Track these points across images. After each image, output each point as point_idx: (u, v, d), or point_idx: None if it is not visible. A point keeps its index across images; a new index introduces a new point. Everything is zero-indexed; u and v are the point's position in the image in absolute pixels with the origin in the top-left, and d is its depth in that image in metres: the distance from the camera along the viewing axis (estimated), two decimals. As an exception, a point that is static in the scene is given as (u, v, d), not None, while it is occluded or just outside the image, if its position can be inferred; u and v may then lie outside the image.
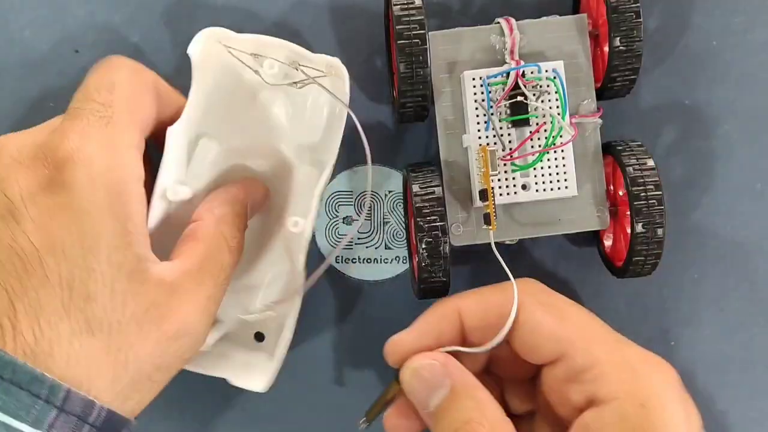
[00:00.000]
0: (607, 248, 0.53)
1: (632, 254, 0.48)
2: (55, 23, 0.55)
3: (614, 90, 0.50)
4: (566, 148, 0.49)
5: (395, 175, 0.55)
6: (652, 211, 0.47)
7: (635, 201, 0.47)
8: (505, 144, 0.49)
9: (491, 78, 0.49)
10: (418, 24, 0.47)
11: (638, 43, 0.48)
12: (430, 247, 0.47)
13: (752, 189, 0.56)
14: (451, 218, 0.50)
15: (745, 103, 0.56)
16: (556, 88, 0.49)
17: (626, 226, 0.50)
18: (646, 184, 0.47)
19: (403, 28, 0.47)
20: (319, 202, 0.49)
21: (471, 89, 0.49)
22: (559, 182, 0.49)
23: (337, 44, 0.55)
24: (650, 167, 0.48)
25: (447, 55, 0.50)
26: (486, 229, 0.48)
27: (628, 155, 0.49)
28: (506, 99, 0.49)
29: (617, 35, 0.48)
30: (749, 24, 0.56)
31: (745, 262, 0.56)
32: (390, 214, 0.55)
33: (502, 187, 0.49)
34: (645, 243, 0.47)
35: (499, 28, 0.50)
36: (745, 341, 0.55)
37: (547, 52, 0.50)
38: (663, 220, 0.47)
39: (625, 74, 0.49)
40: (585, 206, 0.50)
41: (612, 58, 0.49)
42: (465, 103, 0.50)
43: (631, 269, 0.49)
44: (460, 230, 0.50)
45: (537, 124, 0.49)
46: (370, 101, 0.56)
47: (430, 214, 0.47)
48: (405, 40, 0.47)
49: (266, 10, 0.55)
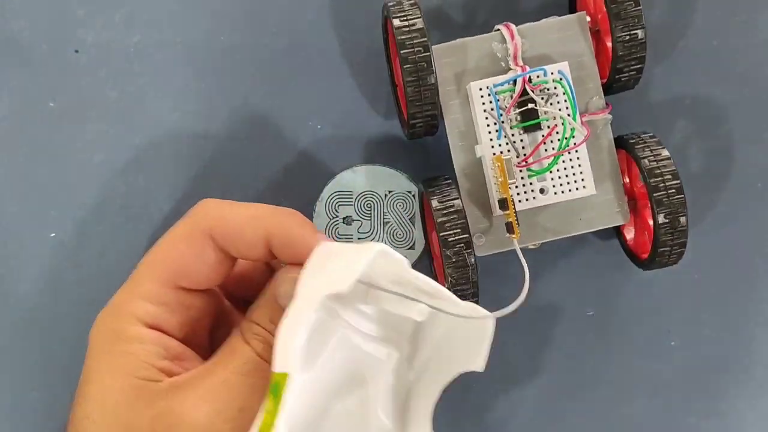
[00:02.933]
0: (629, 242, 0.53)
1: (657, 245, 0.48)
2: (55, 23, 0.55)
3: (622, 82, 0.50)
4: (580, 148, 0.49)
5: (397, 175, 0.54)
6: (672, 200, 0.47)
7: (654, 192, 0.47)
8: (519, 150, 0.49)
9: (498, 86, 0.49)
10: (422, 47, 0.47)
11: (641, 31, 0.48)
12: (455, 262, 0.47)
13: (753, 188, 0.56)
14: (472, 229, 0.49)
15: (747, 102, 0.56)
16: (564, 89, 0.48)
17: (647, 218, 0.50)
18: (664, 174, 0.47)
19: (407, 53, 0.47)
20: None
21: (479, 99, 0.49)
22: (576, 182, 0.49)
23: (338, 44, 0.55)
24: (665, 157, 0.48)
25: (451, 67, 0.50)
26: (509, 237, 0.48)
27: (642, 147, 0.48)
28: (515, 106, 0.48)
29: (619, 25, 0.48)
30: (752, 22, 0.56)
31: (745, 262, 0.56)
32: (390, 214, 0.55)
33: (521, 193, 0.49)
34: (669, 233, 0.47)
35: (500, 35, 0.50)
36: (745, 341, 0.55)
37: (551, 53, 0.50)
38: (684, 209, 0.47)
39: (631, 64, 0.49)
40: (604, 203, 0.50)
41: (616, 49, 0.49)
42: (474, 114, 0.49)
43: (658, 260, 0.49)
44: (482, 240, 0.50)
45: (549, 128, 0.49)
46: (370, 103, 0.55)
47: (453, 228, 0.47)
48: (410, 64, 0.47)
49: (266, 11, 0.55)
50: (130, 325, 0.41)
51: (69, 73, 0.55)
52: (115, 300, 0.42)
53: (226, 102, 0.55)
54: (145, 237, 0.54)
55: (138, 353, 0.40)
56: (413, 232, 0.54)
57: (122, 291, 0.42)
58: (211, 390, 0.39)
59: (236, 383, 0.40)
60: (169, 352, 0.41)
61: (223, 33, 0.55)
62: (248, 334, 0.41)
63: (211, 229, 0.42)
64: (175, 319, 0.42)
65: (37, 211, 0.54)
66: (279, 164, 0.55)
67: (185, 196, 0.54)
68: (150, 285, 0.42)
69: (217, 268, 0.43)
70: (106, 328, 0.42)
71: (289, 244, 0.41)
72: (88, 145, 0.55)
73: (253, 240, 0.41)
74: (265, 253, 0.42)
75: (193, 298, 0.43)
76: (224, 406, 0.39)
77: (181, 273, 0.42)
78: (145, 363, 0.40)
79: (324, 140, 0.55)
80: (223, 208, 0.43)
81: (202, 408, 0.39)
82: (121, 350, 0.41)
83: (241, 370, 0.40)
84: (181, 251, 0.42)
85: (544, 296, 0.55)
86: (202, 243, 0.42)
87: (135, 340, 0.41)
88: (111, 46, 0.55)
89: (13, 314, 0.54)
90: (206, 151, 0.55)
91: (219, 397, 0.39)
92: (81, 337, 0.44)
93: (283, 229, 0.41)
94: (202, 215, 0.43)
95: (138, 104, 0.55)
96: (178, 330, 0.42)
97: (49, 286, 0.54)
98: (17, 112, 0.55)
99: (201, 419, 0.39)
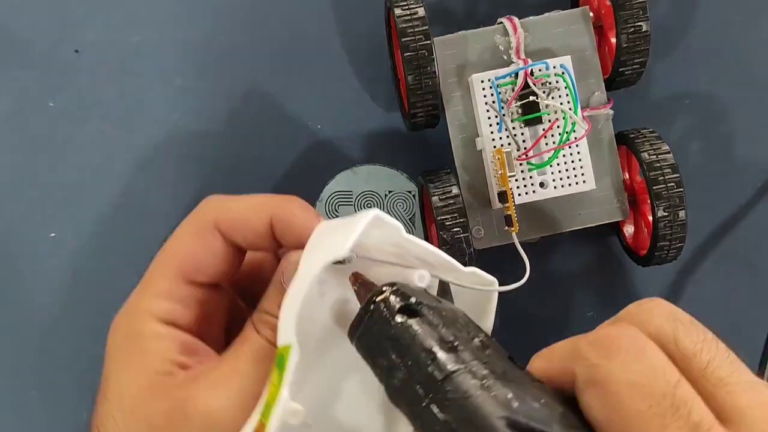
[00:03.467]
0: (628, 238, 0.53)
1: (656, 240, 0.48)
2: (55, 23, 0.55)
3: (625, 76, 0.50)
4: (581, 142, 0.49)
5: (397, 175, 0.54)
6: (671, 194, 0.47)
7: (654, 185, 0.47)
8: (520, 144, 0.49)
9: (500, 79, 0.49)
10: (423, 35, 0.47)
11: (645, 23, 0.48)
12: (452, 247, 0.47)
13: (753, 187, 0.56)
14: (471, 222, 0.49)
15: (747, 100, 0.56)
16: (566, 83, 0.49)
17: (646, 214, 0.50)
18: (663, 167, 0.47)
19: (408, 41, 0.47)
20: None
21: (480, 92, 0.49)
22: (576, 177, 0.49)
23: (338, 44, 0.55)
24: (665, 151, 0.48)
25: (453, 59, 0.50)
26: (507, 231, 0.48)
27: (642, 142, 0.48)
28: (517, 99, 0.49)
29: (623, 17, 0.48)
30: (752, 22, 0.56)
31: (745, 262, 0.56)
32: (390, 213, 0.54)
33: (520, 186, 0.49)
34: (668, 227, 0.47)
35: (503, 28, 0.50)
36: (745, 341, 0.55)
37: (553, 47, 0.50)
38: (683, 203, 0.47)
39: (635, 57, 0.49)
40: (604, 198, 0.50)
41: (620, 41, 0.49)
42: (476, 107, 0.49)
43: (657, 255, 0.49)
44: (481, 233, 0.50)
45: (549, 122, 0.49)
46: (370, 103, 0.55)
47: (452, 220, 0.47)
48: (411, 52, 0.47)
49: (267, 10, 0.55)
50: (146, 323, 0.41)
51: (69, 73, 0.55)
52: (130, 301, 0.43)
53: (226, 102, 0.55)
54: (145, 237, 0.53)
55: (155, 350, 0.41)
56: (413, 232, 0.54)
57: (136, 292, 0.43)
58: (223, 379, 0.40)
59: (248, 371, 0.40)
60: (184, 347, 0.42)
61: (223, 33, 0.55)
62: (258, 323, 0.41)
63: (216, 222, 0.42)
64: (190, 314, 0.42)
65: (37, 211, 0.54)
66: (279, 164, 0.55)
67: (185, 196, 0.54)
68: (163, 282, 0.42)
69: (226, 260, 0.43)
70: (123, 329, 0.42)
71: (292, 227, 0.41)
72: (88, 145, 0.54)
73: (257, 227, 0.41)
74: (271, 241, 0.42)
75: (206, 292, 0.43)
76: (237, 394, 0.39)
77: (193, 267, 0.42)
78: (161, 359, 0.41)
79: (324, 140, 0.55)
80: (227, 201, 0.43)
81: (216, 397, 0.39)
82: (138, 348, 0.41)
83: (253, 358, 0.40)
84: (190, 246, 0.42)
85: (542, 294, 0.55)
86: (210, 236, 0.42)
87: (151, 337, 0.41)
88: (111, 46, 0.55)
89: (13, 314, 0.54)
90: (206, 151, 0.55)
91: (231, 386, 0.39)
92: (81, 336, 0.44)
93: (285, 213, 0.41)
94: (207, 209, 0.43)
95: (138, 104, 0.55)
96: (193, 325, 0.43)
97: (49, 286, 0.54)
98: (17, 112, 0.55)
99: (214, 408, 0.39)
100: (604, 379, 0.29)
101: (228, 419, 0.39)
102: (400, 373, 0.32)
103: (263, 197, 0.43)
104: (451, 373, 0.31)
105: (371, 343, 0.34)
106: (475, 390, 0.30)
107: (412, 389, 0.31)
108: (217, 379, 0.40)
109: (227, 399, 0.39)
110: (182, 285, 0.42)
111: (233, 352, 0.41)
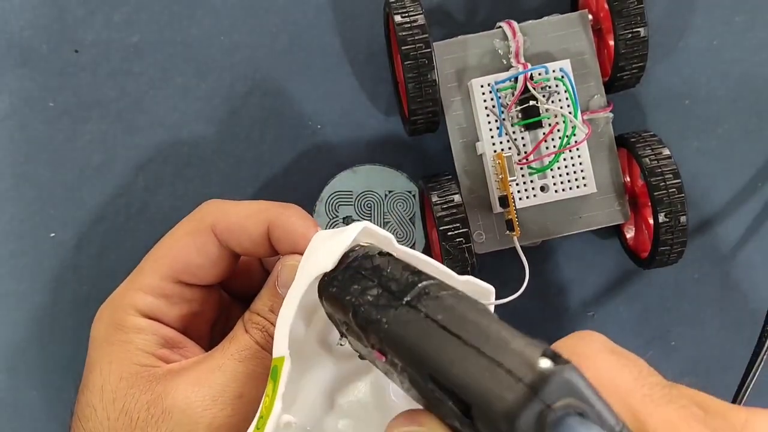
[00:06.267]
0: (629, 241, 0.53)
1: (657, 244, 0.48)
2: (55, 23, 0.55)
3: (624, 80, 0.50)
4: (581, 146, 0.49)
5: (397, 175, 0.54)
6: (673, 199, 0.47)
7: (655, 191, 0.47)
8: (520, 148, 0.49)
9: (499, 84, 0.49)
10: (423, 43, 0.47)
11: (643, 28, 0.48)
12: (454, 257, 0.47)
13: (753, 188, 0.56)
14: (472, 226, 0.49)
15: (747, 101, 0.56)
16: (566, 87, 0.49)
17: (647, 217, 0.50)
18: (664, 173, 0.47)
19: (408, 49, 0.47)
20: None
21: (480, 97, 0.49)
22: (577, 180, 0.49)
23: (338, 44, 0.55)
24: (666, 156, 0.48)
25: (453, 64, 0.50)
26: (509, 235, 0.48)
27: (643, 146, 0.48)
28: (517, 103, 0.49)
29: (621, 23, 0.48)
30: (752, 22, 0.56)
31: (745, 262, 0.56)
32: (390, 214, 0.54)
33: (521, 191, 0.49)
34: (669, 232, 0.47)
35: (502, 32, 0.50)
36: (745, 341, 0.55)
37: (552, 51, 0.50)
38: (685, 208, 0.47)
39: (633, 62, 0.49)
40: (605, 201, 0.50)
41: (618, 47, 0.49)
42: (475, 111, 0.49)
43: (658, 259, 0.49)
44: (482, 237, 0.50)
45: (550, 125, 0.49)
46: (370, 103, 0.55)
47: (454, 230, 0.47)
48: (411, 60, 0.47)
49: (266, 10, 0.55)
50: (128, 315, 0.42)
51: (69, 73, 0.55)
52: (116, 292, 0.43)
53: (226, 102, 0.55)
54: (145, 237, 0.53)
55: (136, 342, 0.41)
56: (413, 232, 0.54)
57: (123, 284, 0.43)
58: (205, 375, 0.40)
59: (232, 369, 0.40)
60: (167, 341, 0.42)
61: (223, 33, 0.55)
62: (248, 323, 0.41)
63: (214, 225, 0.42)
64: (175, 311, 0.43)
65: (37, 211, 0.54)
66: (279, 164, 0.55)
67: (185, 196, 0.54)
68: (150, 278, 0.43)
69: (218, 264, 0.43)
70: (105, 320, 0.43)
71: (289, 235, 0.41)
72: (87, 145, 0.54)
73: (255, 233, 0.42)
74: (267, 247, 0.42)
75: (194, 292, 0.43)
76: (219, 392, 0.39)
77: (183, 268, 0.43)
78: (143, 351, 0.41)
79: (324, 140, 0.55)
80: (226, 205, 0.44)
81: (196, 392, 0.39)
82: (119, 339, 0.41)
83: (238, 356, 0.40)
84: (184, 246, 0.43)
85: (544, 296, 0.55)
86: (205, 239, 0.43)
87: (133, 329, 0.42)
88: (111, 46, 0.55)
89: (13, 314, 0.54)
90: (206, 151, 0.55)
91: (213, 382, 0.40)
92: (81, 336, 0.44)
93: (283, 220, 0.41)
94: (205, 212, 0.43)
95: (138, 104, 0.55)
96: (177, 321, 0.43)
97: (49, 286, 0.54)
98: (17, 112, 0.54)
99: (194, 403, 0.39)
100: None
101: (207, 416, 0.39)
102: (375, 289, 0.32)
103: (262, 203, 0.43)
104: (428, 279, 0.32)
105: (345, 281, 0.34)
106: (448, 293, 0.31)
107: (386, 297, 0.32)
108: (200, 374, 0.40)
109: (208, 395, 0.39)
110: (170, 283, 0.43)
111: (220, 350, 0.41)
